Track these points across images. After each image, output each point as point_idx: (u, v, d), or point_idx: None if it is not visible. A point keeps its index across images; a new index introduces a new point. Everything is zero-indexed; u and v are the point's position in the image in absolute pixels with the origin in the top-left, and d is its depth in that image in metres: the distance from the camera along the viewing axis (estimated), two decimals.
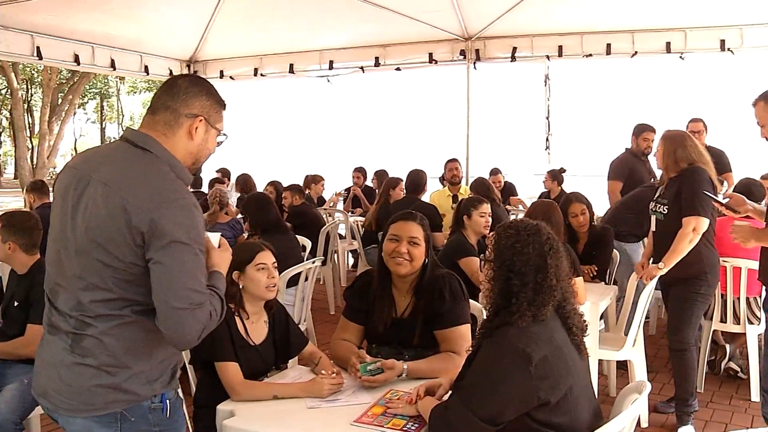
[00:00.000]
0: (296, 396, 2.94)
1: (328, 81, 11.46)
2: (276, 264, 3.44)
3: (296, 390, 2.97)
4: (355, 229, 8.76)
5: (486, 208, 5.48)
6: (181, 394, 2.42)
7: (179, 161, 2.31)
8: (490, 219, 5.49)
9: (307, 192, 9.73)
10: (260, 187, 9.61)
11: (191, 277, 2.13)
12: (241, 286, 3.33)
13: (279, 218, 6.22)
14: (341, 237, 9.67)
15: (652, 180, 6.78)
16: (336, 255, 8.98)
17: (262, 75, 11.84)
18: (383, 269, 3.43)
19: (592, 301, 4.84)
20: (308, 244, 6.96)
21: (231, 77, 12.15)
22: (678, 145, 4.76)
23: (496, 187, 8.46)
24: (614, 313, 5.61)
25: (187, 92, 2.33)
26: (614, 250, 6.04)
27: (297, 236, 6.56)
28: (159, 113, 2.32)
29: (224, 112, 2.44)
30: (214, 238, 2.47)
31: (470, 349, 2.54)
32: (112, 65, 10.65)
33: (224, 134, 2.45)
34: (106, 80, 41.33)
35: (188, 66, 12.32)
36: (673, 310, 4.86)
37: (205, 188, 10.58)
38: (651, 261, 5.05)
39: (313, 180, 10.57)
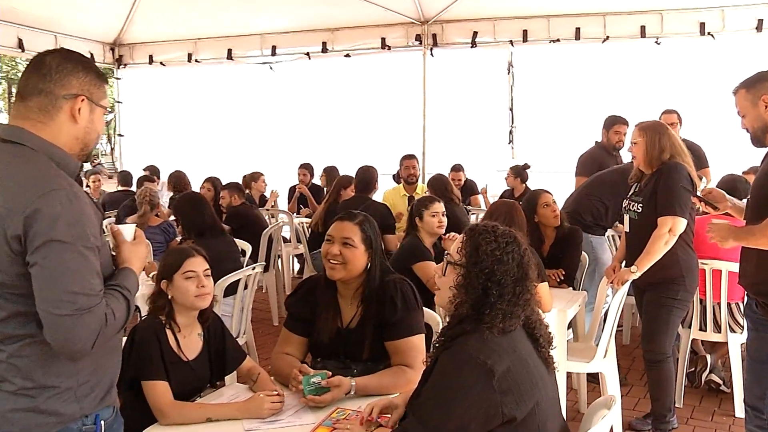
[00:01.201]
0: (233, 417, 2.91)
1: (271, 68, 11.42)
2: (209, 271, 3.42)
3: (233, 411, 2.94)
4: (301, 231, 8.74)
5: (438, 207, 5.50)
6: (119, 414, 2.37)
7: (62, 150, 2.21)
8: (444, 219, 5.50)
9: (247, 192, 9.66)
10: (195, 186, 9.53)
11: (75, 280, 2.05)
12: (170, 297, 3.30)
13: (215, 220, 6.17)
14: (285, 240, 9.63)
15: (619, 165, 6.84)
16: (280, 260, 8.95)
17: (196, 61, 11.78)
18: (327, 275, 3.42)
19: (558, 308, 4.86)
20: (248, 248, 6.93)
21: (162, 63, 12.08)
22: (661, 133, 4.79)
23: (455, 185, 8.47)
24: (583, 321, 5.64)
25: (60, 70, 2.22)
26: (583, 252, 6.07)
27: (236, 240, 6.52)
28: (31, 99, 2.21)
29: (107, 87, 2.36)
30: (127, 230, 2.43)
31: (426, 361, 2.53)
32: (20, 46, 10.34)
33: (110, 110, 2.37)
34: (14, 63, 40.05)
35: (112, 50, 12.16)
36: (648, 317, 4.90)
37: (134, 187, 10.43)
38: (623, 264, 5.09)
39: (252, 178, 10.50)
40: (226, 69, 11.84)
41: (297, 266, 10.76)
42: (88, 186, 11.51)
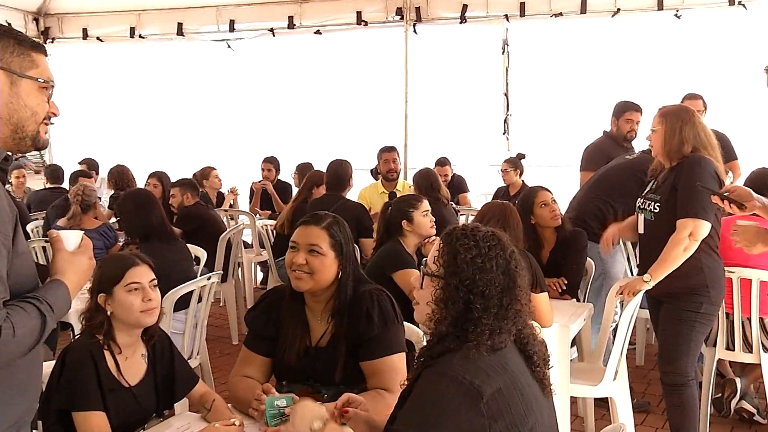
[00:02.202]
0: None
1: (229, 46, 11.40)
2: (156, 282, 3.39)
3: None
4: (265, 235, 8.70)
5: (426, 205, 5.53)
6: None
7: None
8: (434, 219, 5.54)
9: (202, 190, 9.62)
10: (141, 183, 9.45)
11: None
12: (109, 313, 3.26)
13: (165, 222, 6.13)
14: (247, 245, 9.63)
15: (630, 155, 6.71)
16: (240, 268, 8.94)
17: (140, 37, 11.71)
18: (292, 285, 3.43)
19: (561, 322, 4.86)
20: (203, 254, 6.91)
21: (98, 38, 11.94)
22: (684, 121, 4.73)
23: (442, 182, 8.48)
24: (589, 338, 5.64)
25: None
26: (588, 258, 6.05)
27: (189, 245, 6.49)
28: None
29: (43, 56, 2.30)
30: (72, 238, 2.39)
31: (405, 383, 2.52)
32: None
33: (49, 81, 2.29)
34: None
35: (36, 20, 11.94)
36: (666, 334, 4.88)
37: (67, 184, 10.34)
38: (635, 271, 5.10)
39: (202, 175, 10.41)
40: (176, 47, 11.77)
41: (260, 275, 10.75)
42: (9, 183, 11.26)
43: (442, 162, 10.54)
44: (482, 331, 2.32)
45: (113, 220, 7.72)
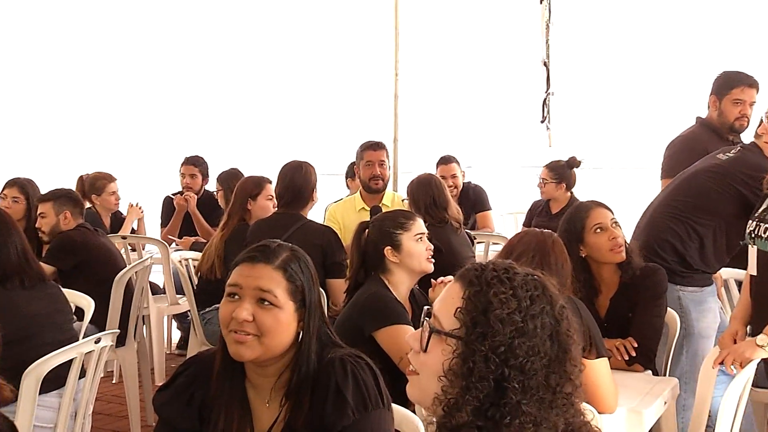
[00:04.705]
0: None
1: None
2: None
3: None
4: (184, 274, 8.64)
5: (420, 226, 5.58)
6: None
7: None
8: (431, 246, 5.60)
9: (89, 207, 9.57)
10: None
11: None
12: None
13: (28, 256, 6.06)
14: (156, 290, 9.69)
15: (725, 154, 6.66)
16: (145, 326, 8.96)
17: None
18: (228, 352, 3.43)
19: (629, 406, 4.87)
20: (89, 305, 6.79)
21: None
22: None
23: (452, 195, 8.44)
24: (674, 430, 5.64)
25: None
26: (669, 309, 6.04)
27: (66, 290, 6.41)
28: None
29: None
30: None
31: None
32: None
33: None
34: None
35: None
36: None
37: None
38: (748, 331, 5.07)
39: (91, 185, 10.32)
40: None
41: (176, 336, 10.77)
42: None
43: (448, 159, 10.55)
44: (522, 426, 2.31)
45: None
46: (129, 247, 9.85)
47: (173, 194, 10.73)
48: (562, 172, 9.61)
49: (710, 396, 5.35)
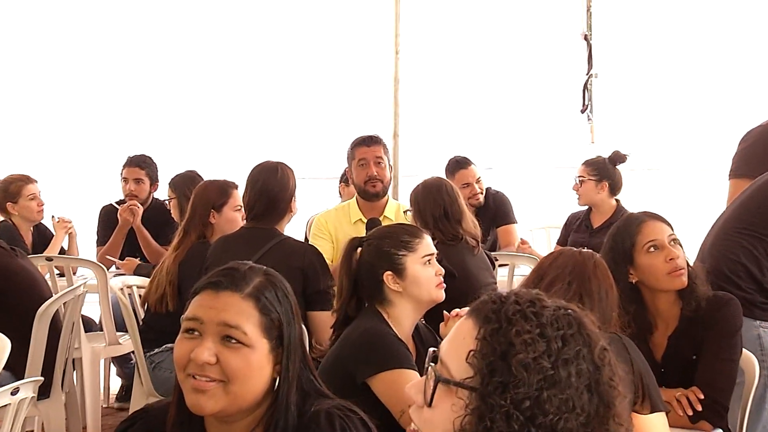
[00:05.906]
0: None
1: None
2: None
3: None
4: (126, 304, 8.52)
5: (428, 245, 5.60)
6: None
7: None
8: (441, 269, 5.61)
9: (2, 219, 9.55)
10: None
11: None
12: None
13: None
14: (91, 327, 9.71)
15: None
16: (76, 372, 8.94)
17: None
18: (185, 403, 3.40)
19: None
20: (4, 345, 6.71)
21: None
22: None
23: (470, 203, 8.37)
24: None
25: None
26: (745, 350, 5.95)
27: None
28: None
29: None
30: None
31: None
32: None
33: None
34: None
35: None
36: None
37: None
38: None
39: (5, 191, 10.28)
40: None
41: (116, 384, 10.76)
42: None
43: (464, 162, 10.48)
44: None
45: None
46: (56, 272, 9.81)
47: (115, 203, 10.71)
48: (603, 167, 9.58)
49: None
